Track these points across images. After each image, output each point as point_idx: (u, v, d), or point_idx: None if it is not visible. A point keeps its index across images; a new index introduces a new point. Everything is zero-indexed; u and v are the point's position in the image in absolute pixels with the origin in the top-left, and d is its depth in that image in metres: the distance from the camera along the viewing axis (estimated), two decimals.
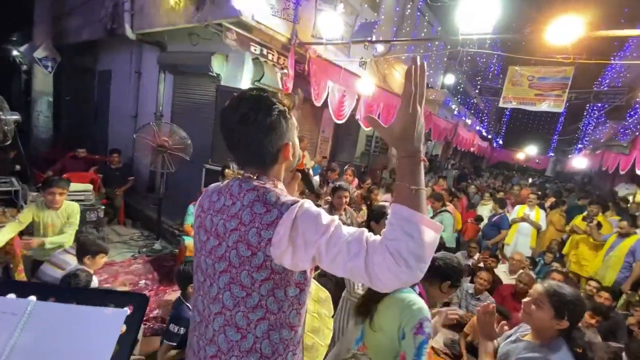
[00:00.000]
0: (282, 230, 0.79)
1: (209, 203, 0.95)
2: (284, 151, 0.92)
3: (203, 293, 0.92)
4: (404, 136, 0.73)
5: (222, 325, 0.86)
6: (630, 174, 8.21)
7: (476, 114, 19.45)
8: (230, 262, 0.85)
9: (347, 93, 5.52)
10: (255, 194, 0.86)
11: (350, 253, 0.73)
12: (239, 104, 0.88)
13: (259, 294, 0.83)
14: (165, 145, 4.08)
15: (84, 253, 2.21)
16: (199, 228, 0.96)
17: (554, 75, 7.19)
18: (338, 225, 0.79)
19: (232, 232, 0.85)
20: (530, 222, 5.13)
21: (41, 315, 0.71)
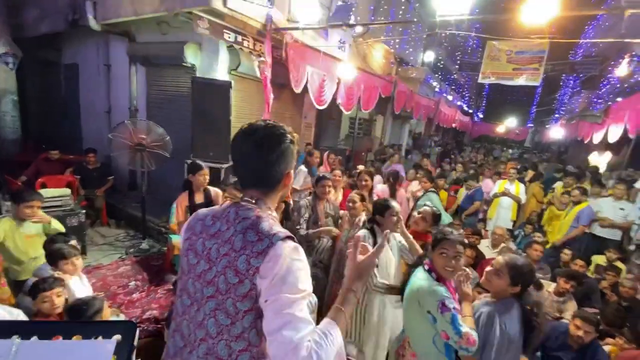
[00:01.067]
0: (271, 263, 0.82)
1: (201, 227, 0.97)
2: (286, 179, 0.99)
3: (189, 317, 0.92)
4: (355, 281, 0.95)
5: (205, 354, 0.87)
6: (604, 142, 8.53)
7: (457, 90, 19.59)
8: (218, 287, 0.86)
9: (327, 77, 5.43)
10: (250, 222, 0.89)
11: (290, 330, 0.77)
12: (255, 131, 0.95)
13: (242, 326, 0.85)
14: (143, 143, 3.95)
15: (59, 258, 2.15)
16: (188, 250, 0.96)
17: (531, 49, 7.26)
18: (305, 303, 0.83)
19: (223, 257, 0.87)
20: (510, 196, 5.31)
21: (27, 355, 0.70)
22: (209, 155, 4.30)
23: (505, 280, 1.65)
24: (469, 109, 23.47)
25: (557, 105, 20.38)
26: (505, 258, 1.72)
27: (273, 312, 0.80)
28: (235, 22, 4.12)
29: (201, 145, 4.29)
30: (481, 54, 8.55)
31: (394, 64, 9.33)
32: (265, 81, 4.14)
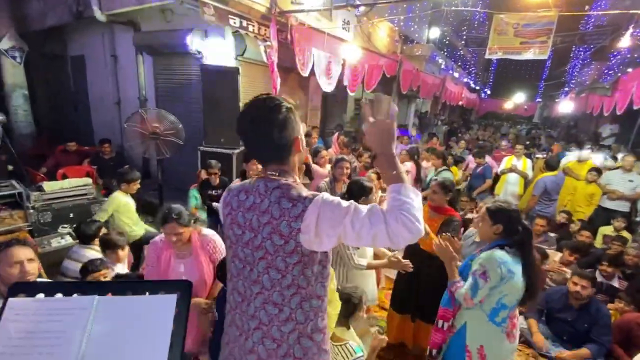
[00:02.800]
0: (309, 220, 0.95)
1: (237, 202, 1.09)
2: (296, 144, 1.06)
3: (243, 278, 1.08)
4: (378, 141, 0.98)
5: (263, 303, 1.04)
6: (613, 114, 8.41)
7: (463, 66, 19.16)
8: (267, 250, 1.00)
9: (332, 59, 5.43)
10: (280, 191, 1.01)
11: (372, 223, 0.90)
12: (251, 109, 1.02)
13: (292, 275, 1.00)
14: (157, 131, 4.06)
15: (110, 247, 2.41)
16: (232, 224, 1.09)
17: (538, 21, 7.09)
18: (356, 206, 0.95)
19: (266, 225, 1.00)
20: (518, 172, 5.36)
21: (106, 308, 0.84)
22: (220, 142, 4.41)
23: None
24: (475, 85, 22.98)
25: (566, 78, 19.87)
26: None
27: (353, 233, 0.91)
28: (240, 6, 4.13)
29: (212, 132, 4.40)
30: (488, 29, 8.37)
31: (399, 42, 9.20)
32: (272, 66, 4.18)
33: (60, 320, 0.81)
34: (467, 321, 1.80)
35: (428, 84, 10.48)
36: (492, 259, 1.68)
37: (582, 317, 2.60)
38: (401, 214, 0.87)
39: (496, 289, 1.67)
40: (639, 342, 2.52)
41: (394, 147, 0.98)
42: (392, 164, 0.96)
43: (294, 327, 1.03)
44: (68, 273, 2.46)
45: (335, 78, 5.58)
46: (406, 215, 0.87)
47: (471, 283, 1.71)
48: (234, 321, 1.12)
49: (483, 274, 1.68)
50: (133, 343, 0.82)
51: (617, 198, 4.62)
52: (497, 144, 9.01)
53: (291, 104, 1.04)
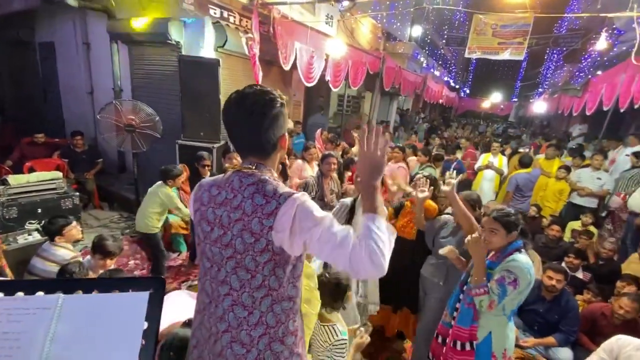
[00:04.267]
0: (283, 218, 0.91)
1: (208, 197, 1.03)
2: (282, 141, 1.04)
3: (211, 277, 1.02)
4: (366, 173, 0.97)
5: (231, 305, 0.99)
6: (582, 115, 8.82)
7: (444, 65, 19.54)
8: (236, 249, 0.96)
9: (315, 54, 5.39)
10: (255, 187, 0.96)
11: (340, 243, 0.88)
12: (245, 98, 0.97)
13: (262, 275, 0.96)
14: (133, 124, 3.91)
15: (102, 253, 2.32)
16: (201, 220, 1.04)
17: (515, 22, 7.31)
18: (332, 221, 0.93)
19: (237, 222, 0.96)
20: (494, 169, 5.53)
21: (72, 307, 0.80)
22: (200, 136, 4.30)
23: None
24: (455, 84, 23.52)
25: (540, 79, 20.66)
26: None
27: (318, 244, 0.90)
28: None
29: (191, 125, 4.28)
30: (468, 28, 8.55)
31: (382, 38, 9.25)
32: (253, 58, 4.10)
33: (20, 321, 0.76)
34: (492, 330, 1.80)
35: (410, 82, 10.62)
36: (521, 266, 1.69)
37: (553, 309, 2.72)
38: (368, 244, 0.86)
39: (522, 293, 1.70)
40: (604, 331, 2.66)
41: (379, 180, 0.98)
42: (373, 195, 0.96)
43: (264, 331, 0.99)
44: (34, 271, 2.34)
45: (318, 73, 5.55)
46: (373, 247, 0.85)
47: (499, 291, 1.69)
48: (203, 323, 1.07)
49: (514, 282, 1.67)
50: (102, 344, 0.78)
51: (586, 195, 4.86)
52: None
53: (284, 99, 1.01)
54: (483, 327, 1.81)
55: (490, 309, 1.71)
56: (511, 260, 1.73)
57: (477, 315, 1.82)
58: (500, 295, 1.68)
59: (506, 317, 1.79)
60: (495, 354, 1.80)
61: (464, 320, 1.85)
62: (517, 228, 1.78)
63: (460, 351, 1.86)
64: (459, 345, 1.87)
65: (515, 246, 1.78)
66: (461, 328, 1.86)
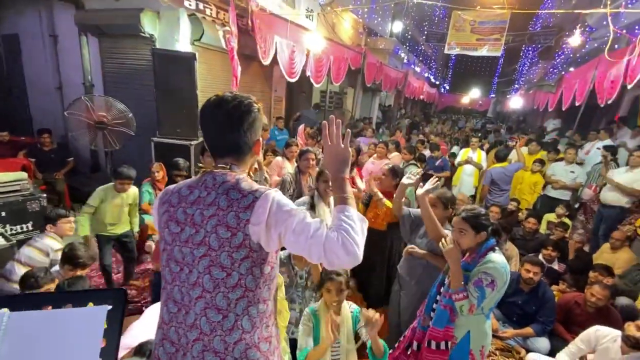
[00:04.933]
0: (260, 211, 0.91)
1: (178, 197, 1.01)
2: (256, 146, 1.06)
3: (180, 282, 0.96)
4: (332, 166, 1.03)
5: (204, 309, 0.93)
6: (556, 110, 9.12)
7: (424, 61, 19.77)
8: (210, 245, 0.92)
9: (296, 48, 5.30)
10: (229, 184, 0.97)
11: (313, 234, 0.89)
12: (225, 102, 0.99)
13: (239, 273, 0.92)
14: (104, 121, 3.73)
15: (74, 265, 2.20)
16: (168, 222, 0.99)
17: (493, 19, 7.47)
18: (305, 214, 0.94)
19: (211, 218, 0.93)
20: (473, 164, 5.63)
21: (19, 325, 0.72)
22: (176, 132, 4.15)
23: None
24: (435, 80, 23.88)
25: (516, 75, 21.26)
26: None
27: (292, 235, 0.90)
28: None
29: (167, 122, 4.12)
30: (448, 25, 8.66)
31: (363, 34, 9.23)
32: (231, 52, 3.97)
33: None
34: (471, 329, 1.79)
35: (391, 78, 10.67)
36: (497, 266, 1.68)
37: (531, 300, 2.79)
38: (341, 234, 0.88)
39: (500, 292, 1.70)
40: (578, 320, 2.76)
41: (346, 172, 1.02)
42: (342, 187, 0.99)
43: (240, 337, 0.93)
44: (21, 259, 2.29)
45: (299, 68, 5.47)
46: (346, 237, 0.87)
47: (478, 294, 1.67)
48: (167, 336, 0.99)
49: (491, 283, 1.66)
50: None
51: (559, 187, 5.02)
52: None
53: (259, 105, 1.05)
54: (461, 326, 1.80)
55: (471, 313, 1.71)
56: (487, 262, 1.71)
57: (452, 317, 1.80)
58: (479, 298, 1.67)
59: (485, 316, 1.80)
60: (472, 352, 1.80)
61: (439, 321, 1.83)
62: (486, 229, 1.76)
63: (435, 350, 1.85)
64: (434, 345, 1.86)
65: (488, 246, 1.77)
66: (436, 329, 1.84)
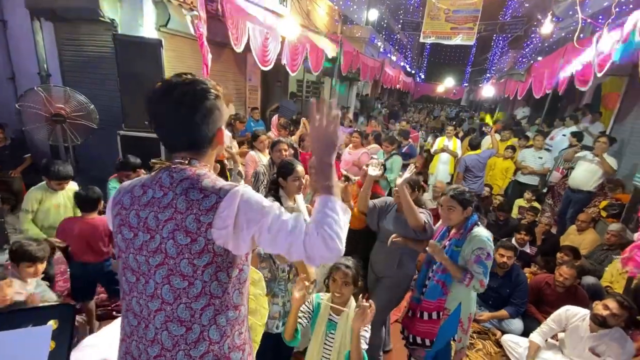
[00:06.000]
0: (225, 213, 0.81)
1: (130, 198, 0.90)
2: (218, 136, 0.94)
3: (138, 293, 0.87)
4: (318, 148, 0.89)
5: (164, 322, 0.84)
6: (526, 98, 9.43)
7: (400, 50, 19.87)
8: (167, 253, 0.82)
9: (270, 35, 5.11)
10: (189, 181, 0.85)
11: (291, 231, 0.81)
12: (172, 88, 0.85)
13: (202, 281, 0.83)
14: (62, 113, 3.45)
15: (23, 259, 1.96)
16: (120, 226, 0.89)
17: (466, 8, 7.54)
18: (280, 209, 0.85)
19: (167, 222, 0.83)
20: (449, 152, 5.73)
21: None
22: (144, 125, 3.90)
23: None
24: (411, 69, 24.12)
25: (488, 65, 21.84)
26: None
27: (268, 236, 0.82)
28: None
29: (133, 114, 3.87)
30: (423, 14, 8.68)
31: (339, 21, 9.09)
32: (200, 39, 3.75)
33: None
34: (462, 300, 1.95)
35: (368, 67, 10.61)
36: (485, 238, 1.86)
37: (505, 284, 2.89)
38: (323, 228, 0.79)
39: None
40: (549, 299, 2.88)
41: (333, 157, 0.90)
42: (328, 174, 0.88)
43: (206, 349, 0.85)
44: None
45: (274, 56, 5.29)
46: (327, 231, 0.79)
47: (482, 269, 1.83)
48: (130, 351, 0.90)
49: (488, 256, 1.84)
50: None
51: (528, 173, 5.22)
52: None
53: (219, 90, 0.91)
54: (454, 299, 1.97)
55: (483, 287, 1.85)
56: (476, 236, 1.88)
57: (445, 290, 1.97)
58: (484, 272, 1.84)
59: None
60: (462, 320, 1.97)
61: (432, 294, 2.01)
62: (471, 204, 1.94)
63: (428, 320, 2.02)
64: (426, 315, 2.03)
65: (473, 221, 1.94)
66: (429, 301, 2.02)
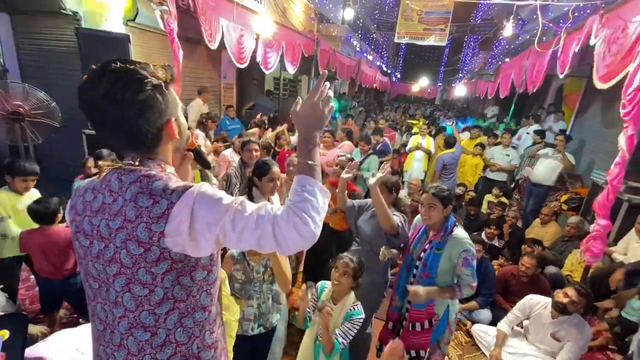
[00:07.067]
0: (178, 219, 0.74)
1: (83, 204, 0.84)
2: (167, 130, 0.84)
3: (102, 300, 0.84)
4: (307, 122, 0.87)
5: (128, 329, 0.82)
6: (495, 97, 9.84)
7: (376, 50, 20.14)
8: (122, 263, 0.78)
9: (244, 32, 5.04)
10: (139, 185, 0.78)
11: (258, 223, 0.75)
12: (101, 78, 0.75)
13: (163, 287, 0.79)
14: (21, 111, 3.25)
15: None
16: (77, 233, 0.85)
17: (438, 9, 7.75)
18: (241, 202, 0.78)
19: (118, 231, 0.78)
20: (422, 149, 5.89)
21: None
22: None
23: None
24: (387, 69, 24.52)
25: (460, 65, 22.57)
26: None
27: (234, 233, 0.75)
28: None
29: None
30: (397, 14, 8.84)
31: (315, 20, 9.09)
32: (171, 34, 3.65)
33: None
34: (450, 304, 1.95)
35: (345, 65, 10.69)
36: (466, 240, 1.84)
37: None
38: (295, 213, 0.74)
39: None
40: (514, 289, 3.04)
41: (319, 134, 0.87)
42: (311, 152, 0.84)
43: (173, 351, 0.84)
44: None
45: (249, 53, 5.23)
46: (301, 216, 0.74)
47: (471, 271, 1.81)
48: (99, 354, 0.89)
49: (472, 256, 1.82)
50: None
51: (497, 169, 5.46)
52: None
53: (160, 78, 0.80)
54: (441, 303, 1.94)
55: (473, 289, 1.84)
56: (458, 239, 1.85)
57: None
58: (472, 273, 1.82)
59: None
60: (450, 322, 1.98)
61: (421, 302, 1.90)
62: (451, 202, 1.92)
63: (421, 331, 1.95)
64: (418, 326, 1.95)
65: (452, 222, 1.91)
66: (419, 310, 1.94)
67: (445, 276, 1.90)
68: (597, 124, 5.78)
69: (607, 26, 2.97)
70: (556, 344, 2.35)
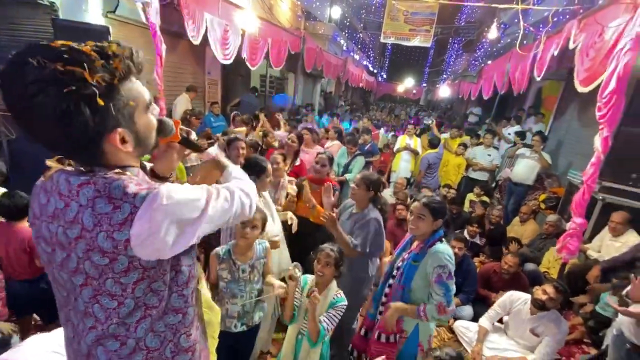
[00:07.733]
0: (146, 225, 0.66)
1: (39, 207, 0.76)
2: (111, 141, 0.70)
3: (73, 307, 0.78)
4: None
5: (96, 340, 0.77)
6: (478, 99, 10.06)
7: (363, 49, 20.24)
8: (88, 274, 0.71)
9: (229, 28, 4.95)
10: (94, 188, 0.67)
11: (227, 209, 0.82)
12: (23, 69, 0.60)
13: (134, 298, 0.74)
14: None
15: None
16: (37, 238, 0.78)
17: (423, 11, 7.86)
18: (207, 191, 0.77)
19: (77, 240, 0.69)
20: (410, 149, 5.95)
21: None
22: None
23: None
24: (374, 69, 24.69)
25: (444, 66, 22.97)
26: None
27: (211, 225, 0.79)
28: None
29: None
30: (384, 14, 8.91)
31: (302, 17, 9.04)
32: (152, 28, 3.55)
33: None
34: (419, 322, 1.81)
35: (331, 64, 10.69)
36: (447, 256, 1.69)
37: (457, 273, 3.02)
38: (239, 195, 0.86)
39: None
40: (496, 286, 3.11)
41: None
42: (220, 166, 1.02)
43: (144, 357, 0.81)
44: None
45: (234, 50, 5.14)
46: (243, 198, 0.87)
47: (443, 290, 1.65)
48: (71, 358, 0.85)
49: (449, 275, 1.66)
50: None
51: (479, 169, 5.59)
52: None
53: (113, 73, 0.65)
54: (410, 321, 1.83)
55: (442, 313, 1.67)
56: (436, 253, 1.71)
57: None
58: (445, 293, 1.66)
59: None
60: (421, 343, 1.85)
61: None
62: (443, 216, 1.78)
63: (385, 343, 1.88)
64: (384, 337, 1.89)
65: (438, 236, 1.78)
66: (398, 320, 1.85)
67: (419, 293, 1.77)
68: (574, 125, 5.99)
69: (585, 31, 3.08)
70: (535, 338, 2.42)
